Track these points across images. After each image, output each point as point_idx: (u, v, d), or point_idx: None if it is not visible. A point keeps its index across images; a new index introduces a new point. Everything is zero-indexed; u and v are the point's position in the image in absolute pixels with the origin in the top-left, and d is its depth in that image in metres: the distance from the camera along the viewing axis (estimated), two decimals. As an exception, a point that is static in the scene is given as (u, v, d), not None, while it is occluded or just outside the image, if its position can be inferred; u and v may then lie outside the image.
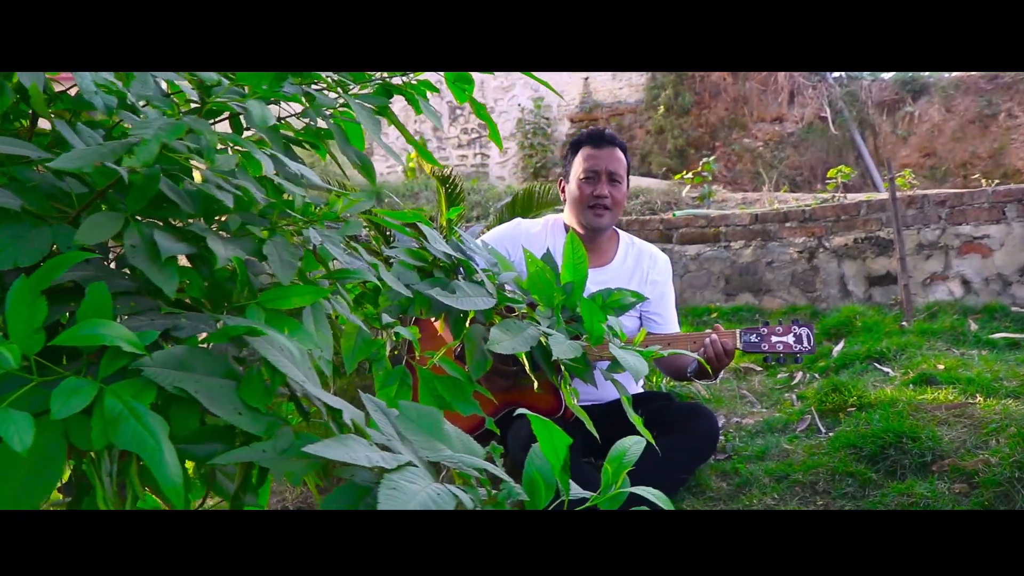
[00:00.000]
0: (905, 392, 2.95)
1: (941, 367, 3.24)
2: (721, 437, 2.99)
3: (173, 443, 0.81)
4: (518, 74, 12.01)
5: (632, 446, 1.10)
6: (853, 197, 5.48)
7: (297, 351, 0.90)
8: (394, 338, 1.33)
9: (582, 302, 1.43)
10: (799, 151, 11.29)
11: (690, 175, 6.38)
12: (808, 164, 11.19)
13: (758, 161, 11.16)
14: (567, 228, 2.84)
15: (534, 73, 1.24)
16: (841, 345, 4.06)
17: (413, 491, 0.78)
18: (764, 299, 5.21)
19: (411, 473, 0.83)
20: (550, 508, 0.98)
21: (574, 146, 2.81)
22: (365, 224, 2.74)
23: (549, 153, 11.57)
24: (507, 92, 12.22)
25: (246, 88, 1.04)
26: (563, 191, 2.84)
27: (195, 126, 0.92)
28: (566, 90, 11.91)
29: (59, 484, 0.89)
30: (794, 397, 3.44)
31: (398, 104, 1.31)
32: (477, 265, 1.43)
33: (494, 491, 0.96)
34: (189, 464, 0.97)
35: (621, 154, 2.74)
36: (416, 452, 0.93)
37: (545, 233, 2.85)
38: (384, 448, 0.88)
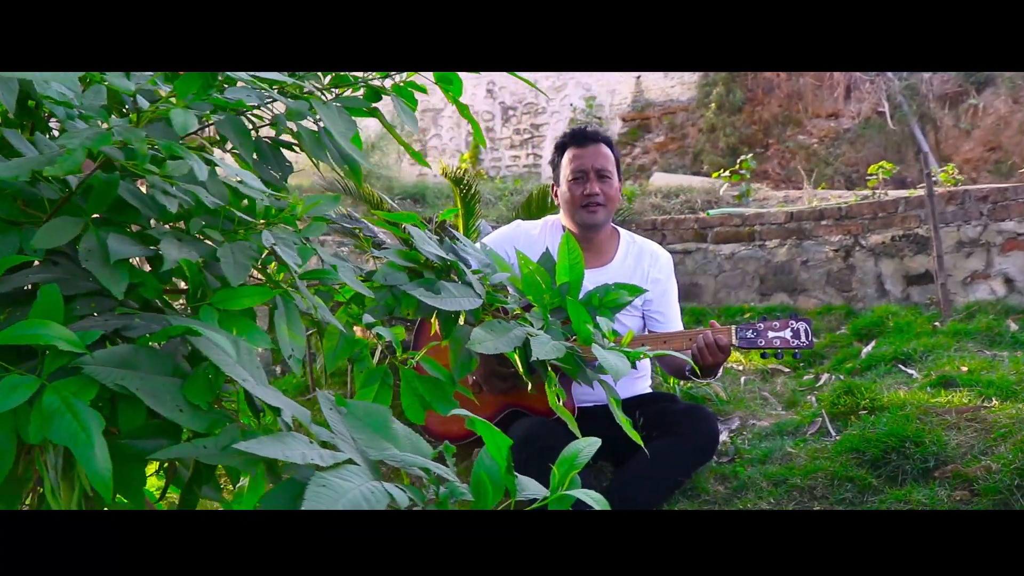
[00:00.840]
0: (919, 395, 2.84)
1: (965, 369, 3.11)
2: (726, 439, 2.93)
3: (120, 438, 0.87)
4: (570, 74, 11.97)
5: (585, 448, 1.09)
6: (894, 194, 5.31)
7: (239, 350, 0.91)
8: (377, 338, 1.33)
9: (569, 302, 1.41)
10: (855, 147, 11.01)
11: (727, 173, 6.25)
12: (865, 160, 10.89)
13: (812, 159, 10.93)
14: (565, 230, 2.81)
15: (519, 73, 1.24)
16: (871, 346, 3.94)
17: (344, 489, 0.78)
18: (799, 299, 5.09)
19: (347, 471, 0.83)
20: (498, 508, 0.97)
21: (559, 149, 2.78)
22: (358, 226, 2.76)
23: None
24: (559, 92, 12.21)
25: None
26: (556, 196, 2.81)
27: (124, 135, 0.93)
28: (618, 88, 11.83)
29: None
30: (814, 399, 3.35)
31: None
32: (470, 266, 1.42)
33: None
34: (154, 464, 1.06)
35: (607, 149, 2.70)
36: (360, 450, 0.93)
37: (544, 234, 2.83)
38: (328, 446, 0.88)
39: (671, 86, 11.73)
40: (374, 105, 1.29)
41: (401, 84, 1.30)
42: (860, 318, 4.35)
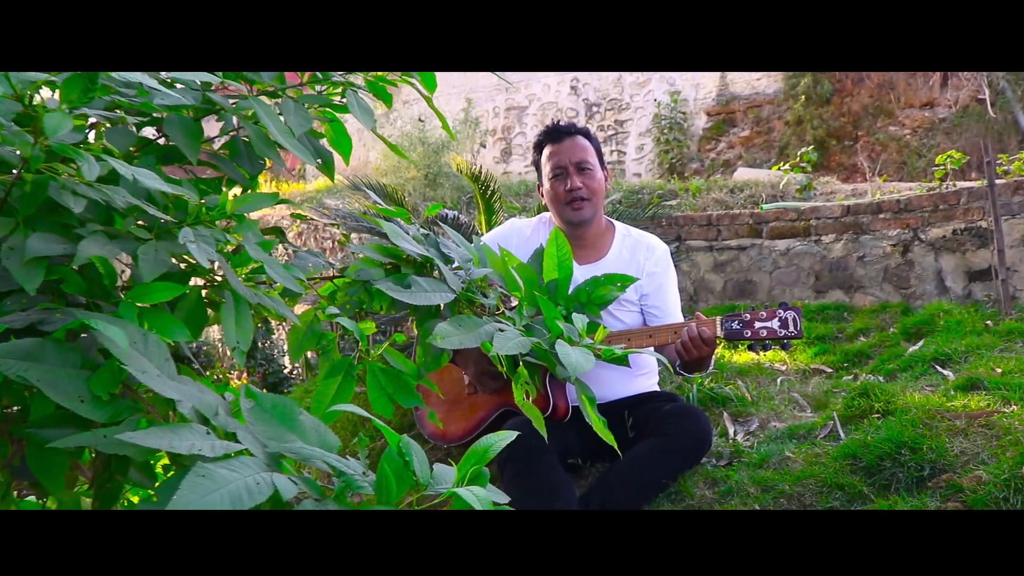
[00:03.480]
0: (936, 398, 2.64)
1: (999, 371, 2.88)
2: (730, 440, 2.79)
3: (28, 427, 0.92)
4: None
5: (497, 442, 1.05)
6: (958, 185, 4.99)
7: (147, 342, 0.94)
8: (342, 330, 1.33)
9: (539, 298, 1.38)
10: (951, 138, 10.44)
11: (787, 165, 6.00)
12: (962, 152, 10.35)
13: (904, 151, 10.44)
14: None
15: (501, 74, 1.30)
16: (918, 346, 3.70)
17: (225, 479, 0.77)
18: (855, 296, 4.85)
19: (237, 462, 0.83)
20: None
21: (537, 148, 2.72)
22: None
23: (685, 148, 11.33)
24: (643, 88, 12.05)
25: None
26: (543, 196, 2.74)
27: (9, 136, 0.96)
28: (702, 83, 11.60)
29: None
30: (840, 401, 3.16)
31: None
32: (452, 261, 1.41)
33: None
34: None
35: (584, 140, 2.62)
36: (261, 442, 0.93)
37: (538, 231, 2.77)
38: (230, 437, 0.89)
39: (756, 79, 11.42)
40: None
41: (371, 79, 1.31)
42: (911, 316, 4.11)
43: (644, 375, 2.76)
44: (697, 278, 5.48)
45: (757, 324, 2.29)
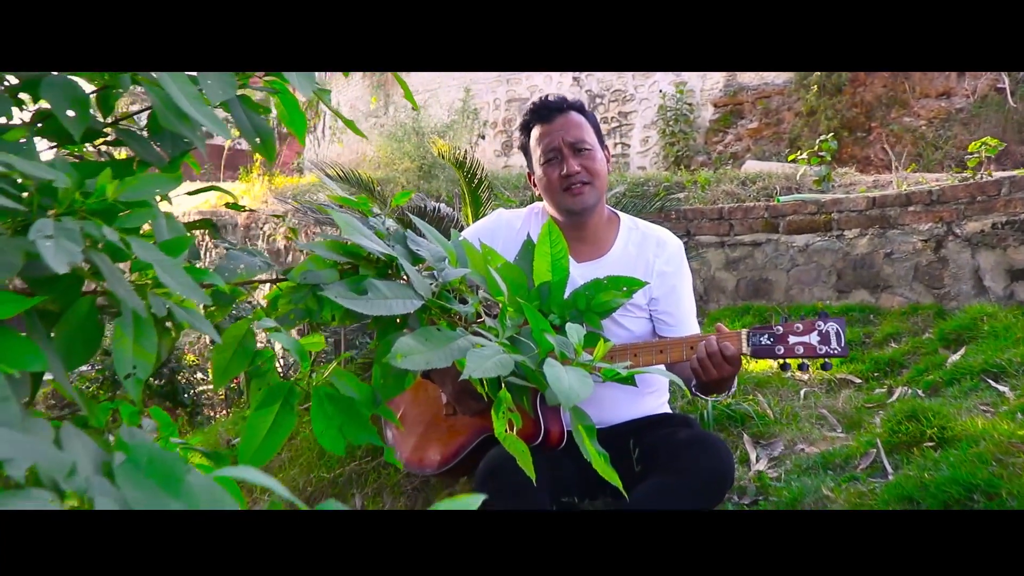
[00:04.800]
0: (1004, 424, 2.21)
1: (1069, 388, 2.46)
2: (751, 470, 2.37)
3: None
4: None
5: None
6: (997, 175, 4.56)
7: None
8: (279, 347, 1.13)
9: (525, 307, 1.18)
10: (969, 128, 10.05)
11: (804, 155, 5.56)
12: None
13: (920, 142, 10.04)
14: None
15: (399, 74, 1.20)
16: (959, 355, 3.27)
17: None
18: (882, 297, 4.42)
19: None
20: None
21: (524, 130, 2.30)
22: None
23: (692, 140, 11.08)
24: (647, 78, 11.82)
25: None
26: (534, 185, 2.33)
27: None
28: (709, 73, 11.29)
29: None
30: (878, 421, 2.74)
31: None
32: (421, 260, 1.22)
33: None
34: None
35: (578, 116, 2.21)
36: None
37: (528, 224, 2.36)
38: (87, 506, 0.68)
39: None
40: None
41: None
42: (949, 320, 3.67)
43: (652, 393, 2.35)
44: (707, 276, 5.06)
45: (791, 339, 1.88)
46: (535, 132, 2.24)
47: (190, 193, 1.45)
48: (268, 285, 1.24)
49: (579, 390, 1.00)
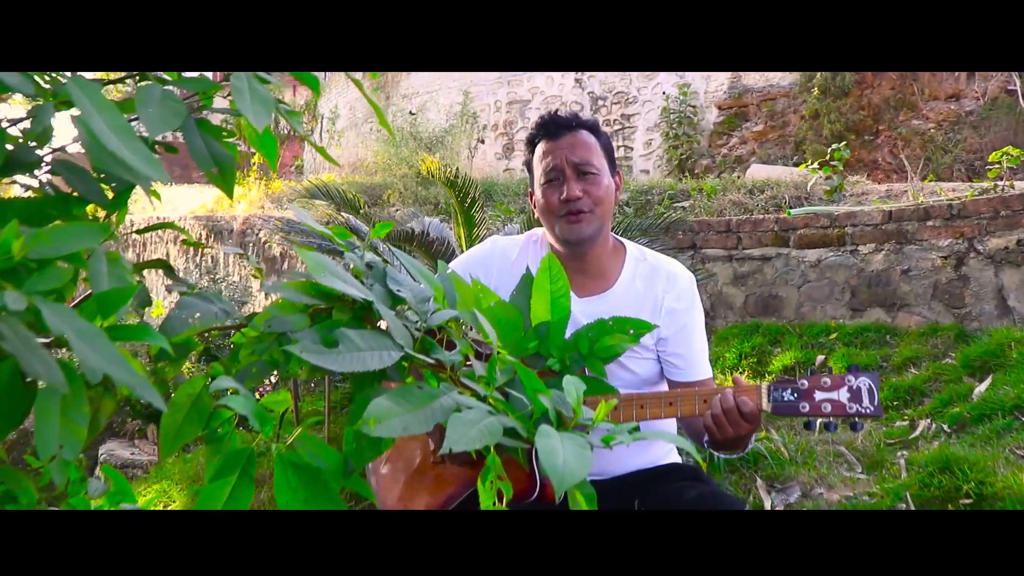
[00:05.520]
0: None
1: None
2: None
3: None
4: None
5: None
6: (1020, 187, 4.35)
7: None
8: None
9: (517, 366, 1.06)
10: (979, 132, 9.87)
11: (816, 164, 5.36)
12: (990, 146, 9.72)
13: (928, 146, 9.85)
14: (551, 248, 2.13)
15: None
16: (985, 385, 3.07)
17: None
18: (899, 316, 4.21)
19: None
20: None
21: (530, 144, 2.08)
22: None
23: (695, 144, 10.96)
24: (651, 80, 11.71)
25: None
26: (534, 207, 2.12)
27: None
28: (713, 74, 11.18)
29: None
30: (903, 462, 2.53)
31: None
32: (402, 301, 1.09)
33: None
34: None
35: (588, 137, 1.99)
36: None
37: (526, 253, 2.15)
38: None
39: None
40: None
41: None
42: (974, 345, 3.47)
43: (659, 441, 2.14)
44: (715, 291, 4.86)
45: (818, 395, 1.67)
46: (539, 148, 2.03)
47: (139, 232, 1.30)
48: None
49: (576, 468, 0.85)
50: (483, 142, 11.74)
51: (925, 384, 3.34)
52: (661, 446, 2.16)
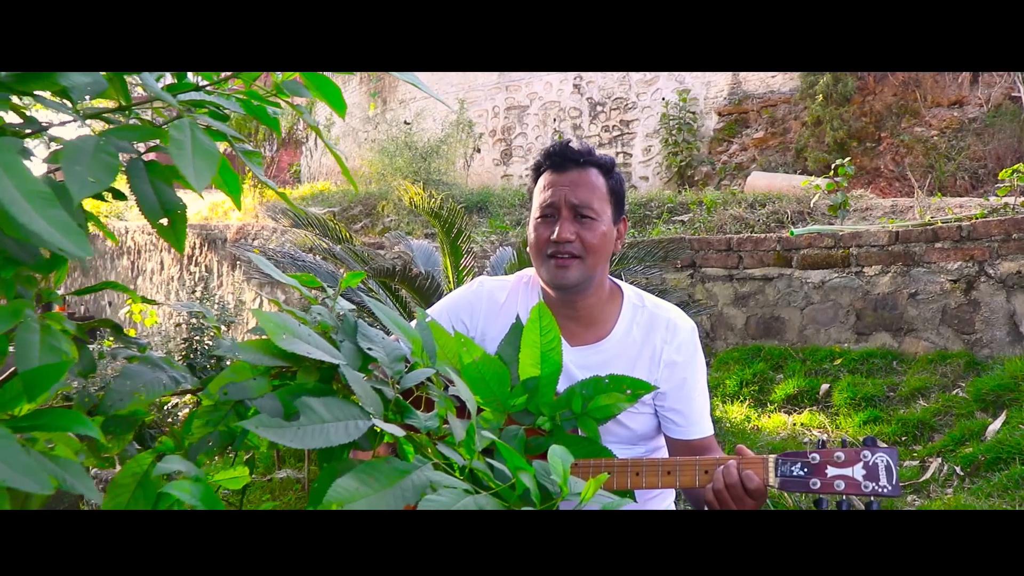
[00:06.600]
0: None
1: None
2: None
3: None
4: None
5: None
6: (1031, 206, 4.20)
7: None
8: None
9: (497, 443, 1.01)
10: (983, 139, 9.74)
11: (819, 180, 5.21)
12: (994, 154, 9.63)
13: (931, 153, 9.72)
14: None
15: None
16: (1000, 421, 2.93)
17: None
18: (905, 341, 4.07)
19: None
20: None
21: (535, 173, 1.91)
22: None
23: (695, 150, 10.84)
24: (650, 85, 11.61)
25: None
26: (528, 239, 1.96)
27: None
28: (713, 80, 11.07)
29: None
30: (916, 507, 2.39)
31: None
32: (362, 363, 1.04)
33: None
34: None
35: (596, 177, 1.82)
36: None
37: (516, 297, 1.99)
38: None
39: (771, 76, 10.93)
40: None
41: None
42: (985, 377, 3.33)
43: (654, 498, 2.00)
44: (715, 313, 4.71)
45: (831, 471, 1.53)
46: (542, 179, 1.87)
47: (79, 293, 1.18)
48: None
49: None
50: (479, 151, 11.60)
51: (935, 418, 3.19)
52: (656, 503, 2.03)
